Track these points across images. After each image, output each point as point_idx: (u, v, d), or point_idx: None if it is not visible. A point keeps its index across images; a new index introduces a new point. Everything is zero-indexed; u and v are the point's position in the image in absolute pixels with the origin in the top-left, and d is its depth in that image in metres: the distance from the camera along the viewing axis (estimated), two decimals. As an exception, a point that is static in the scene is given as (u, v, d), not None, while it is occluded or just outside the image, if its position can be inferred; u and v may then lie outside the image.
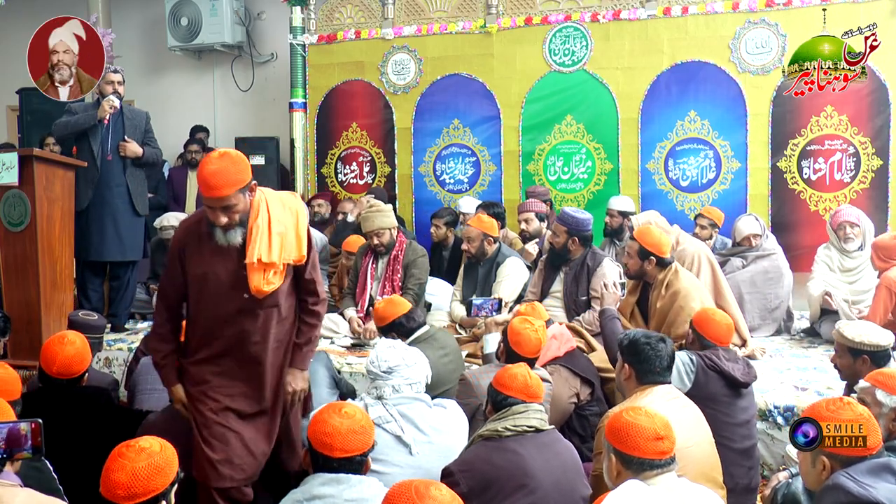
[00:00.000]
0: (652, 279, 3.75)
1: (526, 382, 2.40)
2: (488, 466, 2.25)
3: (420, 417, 2.59)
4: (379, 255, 4.63)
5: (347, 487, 2.03)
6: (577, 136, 5.81)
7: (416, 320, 3.43)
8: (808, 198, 5.31)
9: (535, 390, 2.41)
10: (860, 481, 1.85)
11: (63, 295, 4.35)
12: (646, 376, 2.59)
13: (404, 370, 2.65)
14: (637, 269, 3.78)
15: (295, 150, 6.50)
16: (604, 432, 2.10)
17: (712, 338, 3.01)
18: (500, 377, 2.44)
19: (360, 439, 2.07)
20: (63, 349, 2.77)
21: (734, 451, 2.80)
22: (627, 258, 3.82)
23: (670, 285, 3.66)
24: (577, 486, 2.35)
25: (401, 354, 2.69)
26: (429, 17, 6.13)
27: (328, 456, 2.05)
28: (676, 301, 3.61)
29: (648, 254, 3.71)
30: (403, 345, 2.85)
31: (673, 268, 3.71)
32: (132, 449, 1.81)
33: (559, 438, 2.45)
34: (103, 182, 4.67)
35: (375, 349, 2.75)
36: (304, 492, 2.06)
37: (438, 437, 2.59)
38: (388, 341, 2.83)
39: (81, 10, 6.77)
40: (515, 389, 2.39)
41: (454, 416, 2.71)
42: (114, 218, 4.72)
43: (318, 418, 2.10)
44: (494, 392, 2.43)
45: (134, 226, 4.88)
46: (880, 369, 2.49)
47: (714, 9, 5.42)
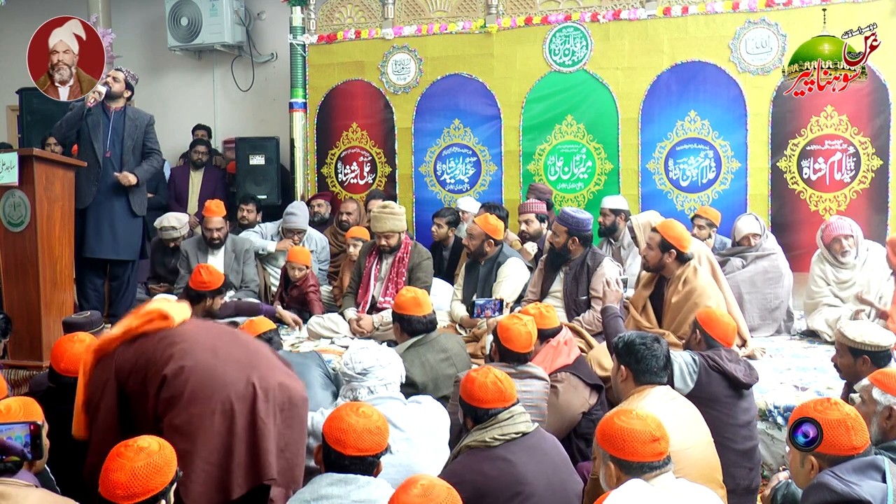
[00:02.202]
0: (669, 274, 3.72)
1: (499, 388, 2.34)
2: (480, 477, 2.22)
3: (396, 415, 2.58)
4: (383, 256, 4.63)
5: (356, 488, 2.02)
6: (578, 136, 5.81)
7: (426, 325, 3.40)
8: (808, 198, 5.31)
9: (509, 392, 2.37)
10: (845, 479, 1.86)
11: (63, 295, 4.35)
12: (643, 377, 2.59)
13: (378, 371, 2.66)
14: (656, 262, 3.74)
15: (295, 150, 6.50)
16: (596, 437, 2.08)
17: (719, 337, 3.00)
18: (470, 391, 2.35)
19: (375, 439, 2.06)
20: (71, 346, 2.76)
21: (736, 452, 2.79)
22: (647, 250, 3.78)
23: (687, 282, 3.64)
24: (569, 482, 2.34)
25: (374, 355, 2.69)
26: (429, 17, 6.13)
27: (340, 453, 2.04)
28: (692, 298, 3.59)
29: (670, 247, 3.68)
30: (376, 345, 2.86)
31: (691, 265, 3.69)
32: (131, 448, 1.81)
33: (544, 436, 2.43)
34: (101, 180, 4.68)
35: (348, 351, 2.75)
36: (312, 491, 2.05)
37: (416, 433, 2.59)
38: (361, 342, 2.85)
39: (81, 10, 6.78)
40: (491, 400, 2.33)
41: (431, 411, 2.70)
42: (110, 216, 4.72)
43: (335, 415, 2.10)
44: (472, 408, 2.35)
45: (130, 225, 4.88)
46: (882, 369, 2.49)
47: (714, 9, 5.42)
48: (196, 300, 3.92)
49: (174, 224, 5.27)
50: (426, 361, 3.23)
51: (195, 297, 3.93)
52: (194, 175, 6.70)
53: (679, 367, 2.83)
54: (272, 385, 2.25)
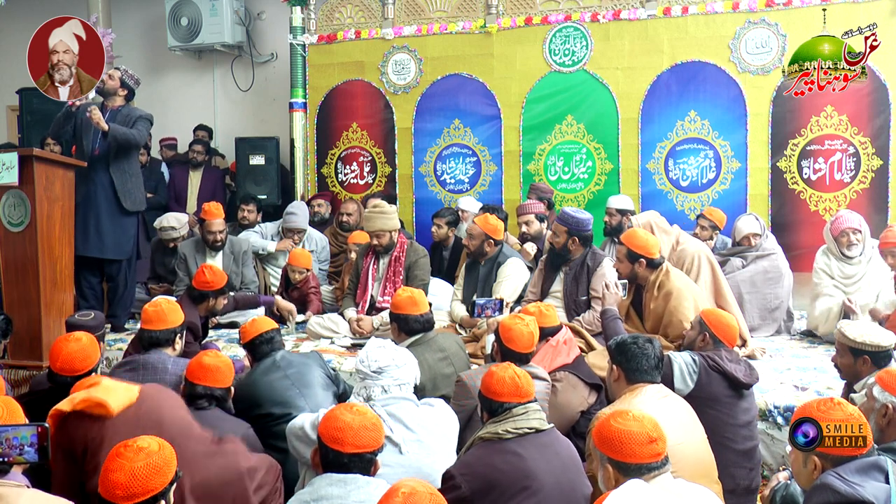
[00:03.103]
0: (644, 281, 3.74)
1: (516, 384, 2.37)
2: (490, 469, 2.23)
3: (408, 416, 2.57)
4: (380, 256, 4.64)
5: (355, 489, 2.01)
6: (578, 136, 5.81)
7: (423, 324, 3.40)
8: (808, 198, 5.31)
9: (526, 388, 2.39)
10: (848, 480, 1.86)
11: (63, 295, 4.35)
12: (634, 375, 2.60)
13: (394, 371, 2.63)
14: (628, 273, 3.78)
15: (295, 150, 6.51)
16: (593, 440, 2.08)
17: (725, 338, 2.99)
18: (488, 385, 2.39)
19: (372, 436, 2.06)
20: (67, 345, 2.73)
21: (736, 452, 2.79)
22: (617, 262, 3.83)
23: (662, 286, 3.66)
24: (577, 484, 2.34)
25: (391, 355, 2.67)
26: (429, 17, 6.13)
27: (339, 451, 2.03)
28: (669, 302, 3.61)
29: (637, 256, 3.71)
30: (393, 345, 2.83)
31: (664, 268, 3.71)
32: (130, 449, 1.81)
33: (558, 437, 2.44)
34: (89, 178, 4.65)
35: (365, 349, 2.73)
36: (312, 492, 2.04)
37: (427, 434, 2.58)
38: (378, 341, 2.82)
39: (81, 10, 6.77)
40: (507, 394, 2.36)
41: (442, 414, 2.70)
42: (96, 214, 4.67)
43: (330, 415, 2.10)
44: (488, 401, 2.39)
45: (120, 223, 4.78)
46: (887, 368, 2.50)
47: (714, 9, 5.42)
48: (199, 300, 3.93)
49: (173, 224, 5.27)
50: (425, 361, 3.23)
51: (198, 297, 3.93)
52: (193, 175, 6.69)
53: (679, 367, 2.83)
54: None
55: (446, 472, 2.30)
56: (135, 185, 4.85)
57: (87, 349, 2.76)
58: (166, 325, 3.20)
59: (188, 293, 4.00)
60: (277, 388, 3.03)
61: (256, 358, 3.22)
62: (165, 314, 3.21)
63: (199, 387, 2.71)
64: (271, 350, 3.20)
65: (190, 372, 2.74)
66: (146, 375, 3.01)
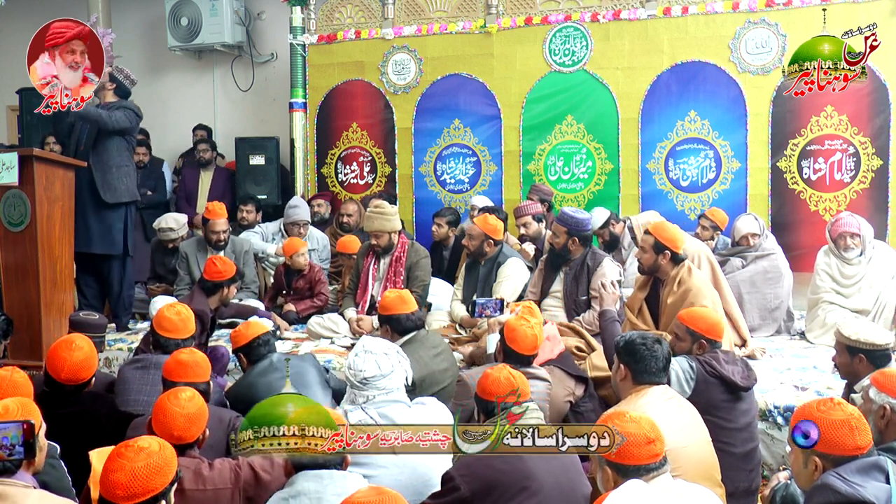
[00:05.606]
0: (664, 275, 3.71)
1: (511, 384, 2.37)
2: (489, 470, 2.23)
3: (400, 416, 2.58)
4: (380, 256, 4.64)
5: (331, 483, 2.05)
6: (578, 136, 5.80)
7: (415, 322, 3.43)
8: (808, 198, 5.31)
9: (523, 388, 2.39)
10: (849, 480, 1.85)
11: (63, 295, 4.35)
12: (641, 376, 2.59)
13: (380, 381, 2.62)
14: (651, 264, 3.71)
15: (295, 150, 6.50)
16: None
17: (715, 334, 2.96)
18: (484, 386, 2.39)
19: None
20: (71, 355, 2.74)
21: (735, 455, 2.78)
22: (641, 253, 3.77)
23: (682, 282, 3.63)
24: (577, 484, 2.34)
25: (376, 363, 2.63)
26: (429, 17, 6.13)
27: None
28: (687, 298, 3.56)
29: (664, 248, 3.66)
30: (382, 346, 2.77)
31: (686, 265, 3.68)
32: (131, 449, 1.80)
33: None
34: (77, 174, 4.63)
35: (351, 354, 2.71)
36: (290, 491, 2.09)
37: None
38: (366, 343, 2.76)
39: (81, 10, 6.77)
40: (503, 394, 2.34)
41: (435, 412, 2.70)
42: (81, 208, 4.62)
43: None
44: (483, 402, 2.38)
45: (102, 217, 4.69)
46: (882, 369, 2.49)
47: (714, 9, 5.42)
48: (212, 291, 4.00)
49: (172, 225, 5.26)
50: (420, 358, 3.24)
51: (211, 288, 4.00)
52: (204, 175, 6.69)
53: (676, 374, 2.80)
54: None
55: (446, 473, 2.30)
56: (116, 177, 4.71)
57: (90, 357, 2.82)
58: (188, 333, 3.27)
59: (200, 286, 4.06)
60: (277, 388, 3.02)
61: (252, 360, 3.23)
62: (186, 323, 3.28)
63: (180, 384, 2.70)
64: (268, 352, 3.25)
65: (168, 371, 2.70)
66: (156, 375, 3.02)
